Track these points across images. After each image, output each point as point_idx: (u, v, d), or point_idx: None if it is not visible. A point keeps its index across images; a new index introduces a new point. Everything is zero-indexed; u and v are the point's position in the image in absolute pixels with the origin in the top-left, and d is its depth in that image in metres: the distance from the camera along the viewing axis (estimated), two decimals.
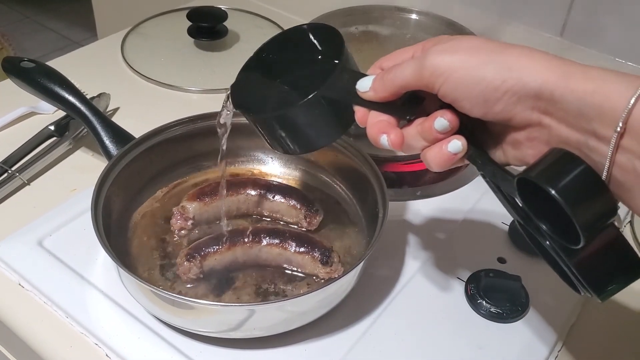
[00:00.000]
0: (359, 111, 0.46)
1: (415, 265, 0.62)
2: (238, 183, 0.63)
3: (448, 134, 0.43)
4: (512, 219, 0.66)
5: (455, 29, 0.77)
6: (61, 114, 0.77)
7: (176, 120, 0.65)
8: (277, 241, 0.58)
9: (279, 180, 0.67)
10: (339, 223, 0.64)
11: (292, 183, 0.68)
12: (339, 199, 0.66)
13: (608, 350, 0.57)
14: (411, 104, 0.45)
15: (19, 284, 0.59)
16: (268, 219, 0.64)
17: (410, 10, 0.80)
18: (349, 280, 0.53)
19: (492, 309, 0.57)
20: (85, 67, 0.90)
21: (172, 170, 0.67)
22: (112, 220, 0.60)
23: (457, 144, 0.42)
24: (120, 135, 0.64)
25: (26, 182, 0.69)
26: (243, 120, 0.66)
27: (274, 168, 0.70)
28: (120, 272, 0.53)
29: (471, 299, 0.58)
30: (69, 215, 0.64)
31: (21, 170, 0.69)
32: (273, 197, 0.63)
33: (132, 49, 0.94)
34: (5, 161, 0.70)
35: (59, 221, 0.64)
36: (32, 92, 0.66)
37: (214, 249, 0.57)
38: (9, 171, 0.69)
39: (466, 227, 0.67)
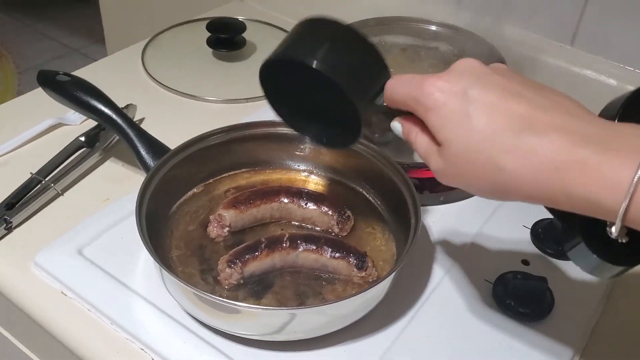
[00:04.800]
0: None
1: (442, 269, 0.64)
2: (271, 191, 0.66)
3: None
4: (533, 221, 0.69)
5: (472, 40, 0.79)
6: (90, 124, 0.80)
7: (211, 131, 0.68)
8: (313, 247, 0.60)
9: (310, 188, 0.69)
10: (369, 229, 0.66)
11: (322, 190, 0.70)
12: (368, 205, 0.69)
13: (631, 347, 0.59)
14: None
15: (62, 292, 0.61)
16: (301, 226, 0.66)
17: (427, 21, 0.82)
18: (384, 284, 0.56)
19: (520, 310, 0.59)
20: (107, 79, 0.90)
21: (207, 178, 0.70)
22: (151, 228, 0.62)
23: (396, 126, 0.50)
24: (154, 146, 0.66)
25: (60, 192, 0.71)
26: (273, 130, 0.69)
27: (304, 176, 0.72)
28: (165, 277, 0.55)
29: (499, 300, 0.61)
30: (106, 224, 0.66)
31: (55, 181, 0.71)
32: (305, 204, 0.65)
33: (152, 60, 0.96)
34: (39, 172, 0.71)
35: (97, 230, 0.66)
36: (67, 105, 0.68)
37: (253, 255, 0.59)
38: (43, 182, 0.70)
39: (489, 230, 0.69)
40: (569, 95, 0.43)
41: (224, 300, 0.53)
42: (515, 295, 0.60)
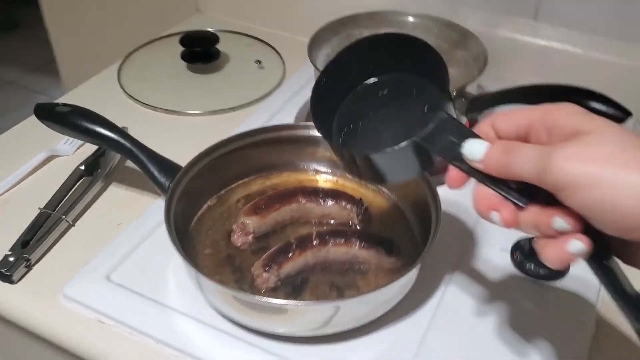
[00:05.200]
0: (456, 173, 0.42)
1: (460, 244, 0.67)
2: (288, 193, 0.67)
3: (568, 234, 0.38)
4: None
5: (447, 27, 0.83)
6: (84, 153, 0.79)
7: (218, 142, 0.69)
8: (342, 240, 0.62)
9: (324, 186, 0.72)
10: (385, 218, 0.69)
11: (333, 187, 0.72)
12: (379, 194, 0.71)
13: None
14: (526, 190, 0.40)
15: (99, 321, 0.61)
16: (320, 222, 0.68)
17: (406, 14, 0.86)
18: (417, 267, 0.58)
19: (541, 271, 0.63)
20: (88, 105, 0.90)
21: (218, 190, 0.71)
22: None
23: (578, 245, 0.37)
24: (165, 165, 0.66)
25: (71, 223, 0.71)
26: (278, 134, 0.71)
27: (312, 175, 0.74)
28: (205, 287, 0.57)
29: (519, 265, 0.64)
30: (128, 247, 0.67)
31: (65, 213, 0.70)
32: (324, 201, 0.67)
33: (129, 80, 0.95)
34: (47, 206, 0.71)
35: (120, 254, 0.66)
36: (71, 135, 0.68)
37: (287, 256, 0.60)
38: (53, 214, 0.70)
39: None
40: None
41: (272, 300, 0.54)
42: (534, 257, 0.64)
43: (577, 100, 0.64)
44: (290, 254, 0.61)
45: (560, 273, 0.64)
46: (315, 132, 0.71)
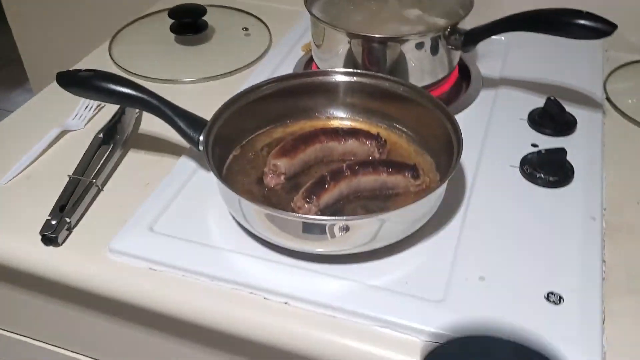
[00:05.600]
0: None
1: (472, 164, 0.73)
2: (310, 135, 0.71)
3: None
4: (527, 113, 0.80)
5: None
6: (95, 126, 0.81)
7: (240, 92, 0.73)
8: (371, 169, 0.67)
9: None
10: (402, 149, 0.74)
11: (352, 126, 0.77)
12: (394, 130, 0.76)
13: None
14: None
15: (150, 269, 0.63)
16: (342, 160, 0.72)
17: None
18: (447, 180, 0.63)
19: (551, 179, 0.70)
20: None
21: (241, 139, 0.75)
22: None
23: None
24: (191, 119, 0.69)
25: (101, 187, 0.73)
26: (298, 81, 0.75)
27: (333, 122, 0.79)
28: (254, 214, 0.60)
29: (530, 177, 0.71)
30: (165, 200, 0.69)
31: (93, 177, 0.72)
32: (344, 139, 0.71)
33: (122, 56, 0.97)
34: (75, 173, 0.72)
35: (158, 208, 0.68)
36: (96, 98, 0.70)
37: (324, 188, 0.64)
38: (82, 179, 0.71)
39: (493, 129, 0.79)
40: None
41: (327, 217, 0.58)
42: (543, 168, 0.70)
43: (565, 20, 0.71)
44: (326, 186, 0.65)
45: (568, 179, 0.70)
46: (330, 78, 0.76)
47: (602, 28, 0.69)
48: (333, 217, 0.59)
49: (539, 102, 0.82)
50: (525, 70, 0.90)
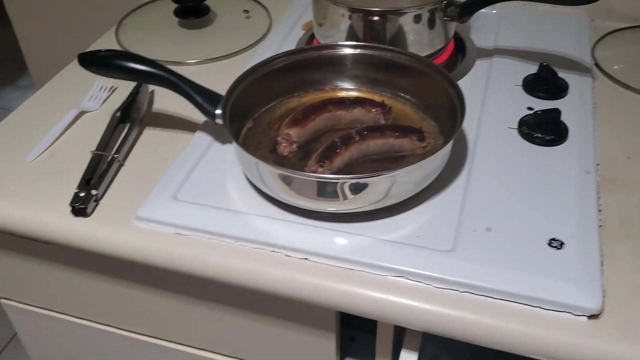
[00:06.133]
0: None
1: (473, 125, 0.78)
2: (319, 105, 0.75)
3: None
4: (522, 78, 0.84)
5: None
6: (110, 107, 0.85)
7: (252, 67, 0.77)
8: (378, 134, 0.71)
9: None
10: (407, 116, 0.78)
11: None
12: (398, 100, 0.81)
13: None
14: None
15: (177, 234, 0.67)
16: (350, 127, 0.76)
17: None
18: (450, 144, 0.68)
19: (547, 137, 0.74)
20: None
21: (254, 113, 0.79)
22: None
23: None
24: (207, 94, 0.74)
25: (122, 162, 0.76)
26: (304, 55, 0.79)
27: (340, 93, 0.83)
28: (273, 176, 0.64)
29: (527, 136, 0.75)
30: (185, 171, 0.73)
31: (115, 152, 0.76)
32: (352, 108, 0.76)
33: (129, 41, 1.01)
34: (97, 148, 0.76)
35: (180, 178, 0.72)
36: (116, 77, 0.74)
37: (336, 152, 0.69)
38: (104, 154, 0.75)
39: (491, 96, 0.84)
40: None
41: (340, 176, 0.63)
42: (540, 128, 0.75)
43: None
44: (337, 150, 0.69)
45: (563, 137, 0.75)
46: (336, 51, 0.80)
47: None
48: (345, 176, 0.63)
49: (532, 68, 0.86)
50: (517, 41, 0.95)
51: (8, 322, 0.90)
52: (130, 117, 0.81)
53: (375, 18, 0.83)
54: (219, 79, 0.78)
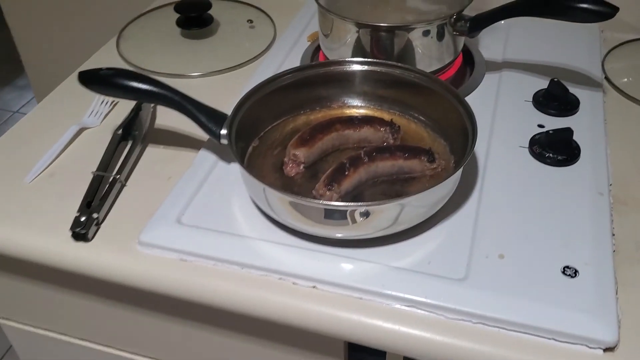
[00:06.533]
0: None
1: (483, 146, 0.76)
2: (327, 124, 0.74)
3: None
4: (532, 94, 0.83)
5: None
6: (111, 123, 0.83)
7: (259, 84, 0.75)
8: (388, 155, 0.69)
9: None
10: (416, 135, 0.77)
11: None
12: (407, 118, 0.79)
13: None
14: None
15: (181, 260, 0.66)
16: (358, 147, 0.75)
17: None
18: (460, 170, 0.66)
19: (559, 157, 0.73)
20: None
21: (259, 132, 0.77)
22: None
23: None
24: (212, 113, 0.72)
25: (124, 183, 0.75)
26: (311, 72, 0.77)
27: (348, 110, 0.81)
28: (280, 203, 0.63)
29: (539, 156, 0.74)
30: (189, 192, 0.71)
31: (117, 173, 0.74)
32: (360, 127, 0.74)
33: (130, 52, 0.99)
34: (99, 169, 0.74)
35: (184, 200, 0.70)
36: (118, 96, 0.72)
37: (344, 175, 0.67)
38: (106, 175, 0.73)
39: (500, 112, 0.82)
40: None
41: (349, 204, 0.61)
42: (552, 147, 0.73)
43: (567, 4, 0.73)
44: (346, 172, 0.67)
45: (575, 157, 0.73)
46: (344, 67, 0.78)
47: (603, 11, 0.72)
48: (354, 204, 0.61)
49: (542, 83, 0.84)
50: (526, 53, 0.93)
51: (3, 335, 0.88)
52: (132, 135, 0.80)
53: (383, 33, 0.81)
54: (223, 92, 0.77)
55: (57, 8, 1.38)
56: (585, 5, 0.72)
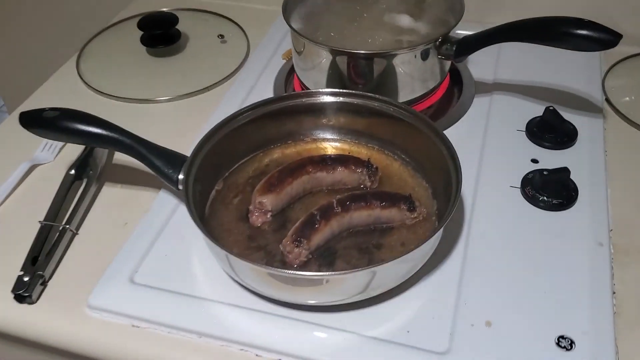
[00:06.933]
0: None
1: (470, 188, 0.69)
2: (297, 166, 0.67)
3: None
4: (525, 123, 0.75)
5: None
6: (66, 158, 0.76)
7: (218, 124, 0.67)
8: (363, 204, 0.62)
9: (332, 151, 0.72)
10: (395, 175, 0.70)
11: (342, 151, 0.72)
12: (386, 154, 0.72)
13: None
14: None
15: (133, 326, 0.59)
16: (332, 189, 0.68)
17: None
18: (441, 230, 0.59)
19: (554, 201, 0.66)
20: (55, 105, 0.86)
21: (223, 172, 0.70)
22: None
23: None
24: (169, 156, 0.64)
25: (75, 232, 0.68)
26: (281, 105, 0.70)
27: (321, 144, 0.74)
28: (242, 269, 0.56)
29: (532, 199, 0.67)
30: (144, 245, 0.65)
31: (67, 222, 0.67)
32: (333, 168, 0.67)
33: (90, 73, 0.91)
34: (47, 218, 0.67)
35: (138, 254, 0.64)
36: (63, 140, 0.65)
37: (314, 228, 0.60)
38: (54, 225, 0.67)
39: (490, 143, 0.75)
40: None
41: (311, 274, 0.55)
42: (546, 190, 0.66)
43: (565, 30, 0.66)
44: (316, 226, 0.60)
45: (572, 200, 0.66)
46: (316, 99, 0.71)
47: (605, 39, 0.64)
48: (318, 274, 0.55)
49: (537, 109, 0.77)
50: (519, 72, 0.85)
51: None
52: (87, 173, 0.73)
53: (361, 60, 0.73)
54: (192, 117, 0.70)
55: (13, 21, 1.29)
56: (585, 32, 0.64)
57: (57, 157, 0.78)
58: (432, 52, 0.74)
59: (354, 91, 0.70)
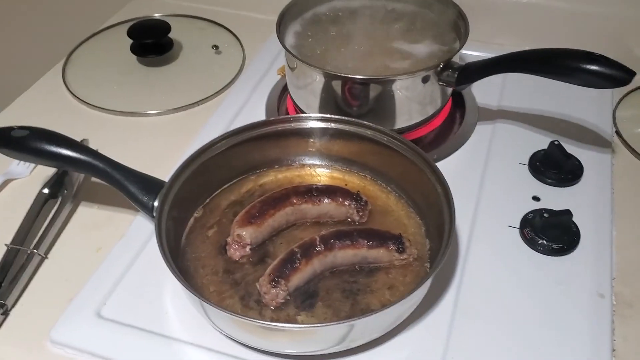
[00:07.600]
0: None
1: (466, 226, 0.65)
2: (280, 196, 0.62)
3: None
4: (528, 157, 0.71)
5: None
6: (43, 173, 0.72)
7: (200, 148, 0.63)
8: (348, 242, 0.58)
9: (319, 180, 0.68)
10: (385, 209, 0.65)
11: (329, 181, 0.68)
12: (378, 185, 0.67)
13: None
14: None
15: None
16: (318, 222, 0.63)
17: None
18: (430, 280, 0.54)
19: (554, 246, 0.61)
20: (35, 116, 0.82)
21: (203, 199, 0.66)
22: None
23: None
24: (146, 182, 0.61)
25: (44, 256, 0.64)
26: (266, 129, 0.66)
27: (307, 170, 0.70)
28: (214, 315, 0.52)
29: (530, 242, 0.62)
30: (114, 276, 0.61)
31: (35, 246, 0.63)
32: (319, 200, 0.63)
33: (77, 82, 0.88)
34: (14, 241, 0.64)
35: (107, 286, 0.60)
36: (33, 161, 0.61)
37: (293, 268, 0.56)
38: (21, 249, 0.63)
39: (490, 177, 0.70)
40: None
41: (290, 325, 0.51)
42: (546, 233, 0.62)
43: (574, 65, 0.61)
44: (296, 264, 0.56)
45: (573, 245, 0.62)
46: (302, 124, 0.67)
47: (618, 76, 0.59)
48: (290, 325, 0.52)
49: (541, 141, 0.73)
50: (526, 99, 0.81)
51: None
52: (62, 192, 0.69)
53: (357, 85, 0.69)
54: (182, 132, 0.66)
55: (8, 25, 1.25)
56: (596, 68, 0.59)
57: (33, 172, 0.74)
58: (433, 78, 0.69)
59: (345, 117, 0.66)
